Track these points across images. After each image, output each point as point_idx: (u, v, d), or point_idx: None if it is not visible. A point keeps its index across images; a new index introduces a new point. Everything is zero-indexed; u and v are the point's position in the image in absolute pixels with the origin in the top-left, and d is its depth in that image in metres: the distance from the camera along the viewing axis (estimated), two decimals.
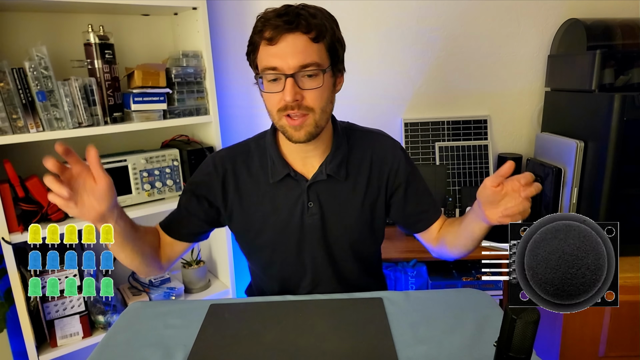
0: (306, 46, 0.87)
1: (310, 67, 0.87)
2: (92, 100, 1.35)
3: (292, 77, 0.87)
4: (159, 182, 1.51)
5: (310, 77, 0.89)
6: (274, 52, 0.87)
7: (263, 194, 1.02)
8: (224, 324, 0.92)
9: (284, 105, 0.89)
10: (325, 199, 1.02)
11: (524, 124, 1.97)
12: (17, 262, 1.26)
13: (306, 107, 0.90)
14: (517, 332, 0.60)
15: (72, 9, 1.42)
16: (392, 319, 0.91)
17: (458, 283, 1.70)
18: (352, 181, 1.03)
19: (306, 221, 1.02)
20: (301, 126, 0.90)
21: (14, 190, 1.28)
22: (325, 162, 1.01)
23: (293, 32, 0.86)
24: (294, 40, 0.87)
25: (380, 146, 1.06)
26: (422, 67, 1.89)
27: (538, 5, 1.85)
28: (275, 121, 0.94)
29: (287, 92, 0.87)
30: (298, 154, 1.01)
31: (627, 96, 1.41)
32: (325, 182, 1.02)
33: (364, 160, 1.05)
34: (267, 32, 0.87)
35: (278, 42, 0.86)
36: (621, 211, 1.50)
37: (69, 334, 1.40)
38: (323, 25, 0.89)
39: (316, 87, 0.89)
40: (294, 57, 0.86)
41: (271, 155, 1.02)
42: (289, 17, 0.86)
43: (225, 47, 1.75)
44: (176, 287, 1.62)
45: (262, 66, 0.89)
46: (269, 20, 0.87)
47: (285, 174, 1.00)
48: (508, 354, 0.62)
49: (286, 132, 0.92)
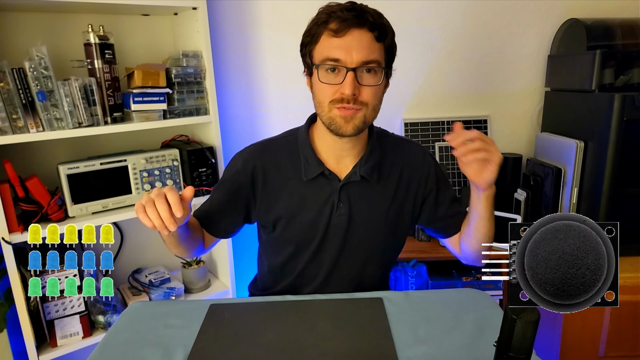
0: (370, 43, 0.89)
1: (372, 64, 0.89)
2: (92, 100, 1.35)
3: (354, 71, 0.88)
4: (159, 182, 1.51)
5: (369, 73, 0.90)
6: (338, 44, 0.88)
7: (293, 190, 1.03)
8: (224, 324, 0.92)
9: (340, 97, 0.90)
10: (355, 200, 1.03)
11: (524, 124, 1.97)
12: (17, 262, 1.26)
13: (361, 102, 0.91)
14: (517, 332, 0.60)
15: (72, 9, 1.42)
16: (392, 319, 0.91)
17: (458, 283, 1.70)
18: (382, 185, 1.04)
19: (333, 221, 1.03)
20: (352, 118, 0.91)
21: (14, 190, 1.28)
22: (359, 163, 1.02)
23: (360, 27, 0.88)
24: (360, 36, 0.88)
25: (411, 154, 1.08)
26: (422, 67, 1.89)
27: (538, 5, 1.85)
28: (325, 112, 0.93)
29: (346, 85, 0.88)
30: (334, 152, 1.02)
31: (627, 96, 1.41)
32: (358, 184, 1.02)
33: (395, 166, 1.06)
34: (334, 24, 0.88)
35: (345, 35, 0.88)
36: (621, 211, 1.50)
37: (69, 334, 1.40)
38: (387, 26, 0.92)
39: (374, 85, 0.91)
40: (359, 52, 0.88)
41: (305, 153, 1.02)
42: (357, 12, 0.88)
43: (225, 47, 1.75)
44: (176, 287, 1.62)
45: (324, 56, 0.90)
46: (335, 12, 0.88)
47: (319, 172, 1.01)
48: (508, 354, 0.62)
49: (334, 124, 0.93)
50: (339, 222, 1.03)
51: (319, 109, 0.95)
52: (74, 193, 1.36)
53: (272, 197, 1.04)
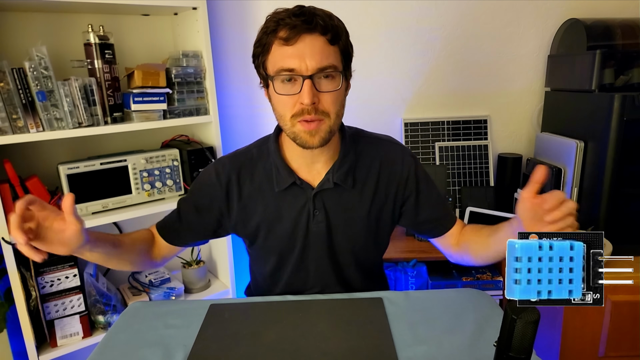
0: (324, 47, 0.85)
1: (329, 69, 0.85)
2: (92, 100, 1.35)
3: (310, 79, 0.84)
4: (159, 182, 1.51)
5: (327, 79, 0.86)
6: (291, 53, 0.84)
7: (268, 202, 1.00)
8: (224, 324, 0.92)
9: (300, 109, 0.86)
10: (331, 207, 1.00)
11: (524, 124, 1.97)
12: (17, 262, 1.26)
13: (322, 112, 0.87)
14: (517, 332, 0.60)
15: (72, 9, 1.42)
16: (392, 319, 0.91)
17: (458, 283, 1.70)
18: (359, 189, 1.01)
19: (312, 229, 1.00)
20: (316, 131, 0.87)
21: (14, 190, 1.28)
22: (332, 169, 0.98)
23: (311, 32, 0.84)
24: (312, 41, 0.84)
25: (389, 154, 1.03)
26: (422, 67, 1.89)
27: (538, 5, 1.85)
28: (288, 127, 0.89)
29: (304, 95, 0.84)
30: (304, 160, 0.98)
31: (627, 96, 1.41)
32: (332, 190, 0.99)
33: (372, 168, 1.02)
34: (283, 32, 0.84)
35: (296, 42, 0.83)
36: (621, 211, 1.50)
37: (69, 334, 1.40)
38: (339, 28, 0.87)
39: (334, 90, 0.87)
40: (313, 59, 0.83)
41: (275, 163, 0.99)
42: (306, 17, 0.83)
43: (225, 47, 1.75)
44: (176, 287, 1.62)
45: (277, 67, 0.86)
46: (283, 19, 0.84)
47: (291, 182, 0.98)
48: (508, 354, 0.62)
49: (299, 139, 0.89)
50: (318, 230, 1.00)
51: (281, 122, 0.91)
52: (74, 193, 1.35)
53: (248, 209, 1.01)
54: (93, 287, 1.43)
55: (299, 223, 1.00)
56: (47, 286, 1.34)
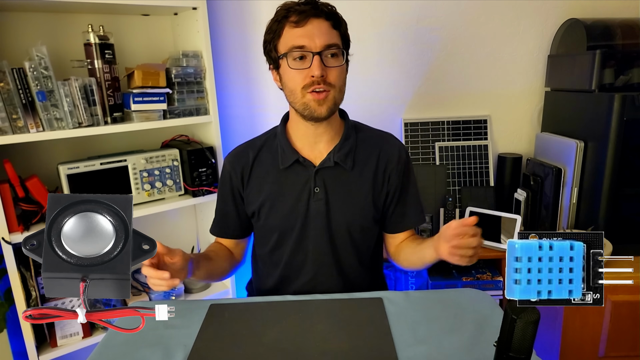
0: (328, 30, 0.99)
1: (334, 48, 0.99)
2: (92, 100, 1.35)
3: (319, 55, 0.97)
4: (159, 182, 1.51)
5: (333, 56, 0.99)
6: (301, 33, 0.97)
7: (273, 179, 1.09)
8: (224, 324, 0.92)
9: (310, 81, 0.98)
10: (331, 185, 1.08)
11: (524, 124, 1.97)
12: (17, 262, 1.26)
13: (329, 84, 0.99)
14: (517, 332, 0.60)
15: (72, 9, 1.42)
16: (392, 319, 0.91)
17: (458, 283, 1.70)
18: (358, 172, 1.09)
19: (312, 206, 1.07)
20: (324, 100, 0.99)
21: (14, 190, 1.28)
22: (334, 150, 1.08)
23: (318, 17, 0.98)
24: (319, 24, 0.98)
25: (389, 145, 1.13)
26: (422, 67, 1.89)
27: (538, 5, 1.85)
28: (298, 99, 1.00)
29: (314, 67, 0.96)
30: (307, 139, 1.08)
31: (627, 96, 1.41)
32: (332, 169, 1.08)
33: (372, 156, 1.11)
34: (293, 17, 0.98)
35: (305, 24, 0.97)
36: (621, 211, 1.50)
37: (69, 334, 1.40)
38: (340, 17, 1.03)
39: (339, 65, 1.00)
40: (320, 37, 0.97)
41: (281, 144, 1.09)
42: (312, 4, 0.99)
43: (225, 47, 1.75)
44: (176, 287, 1.62)
45: (289, 46, 0.98)
46: (292, 7, 0.98)
47: (294, 159, 1.07)
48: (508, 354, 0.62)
49: (308, 108, 1.00)
50: (318, 207, 1.07)
51: (292, 96, 1.02)
52: (73, 193, 1.35)
53: (256, 188, 1.11)
54: None
55: (300, 200, 1.08)
56: None
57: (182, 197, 1.58)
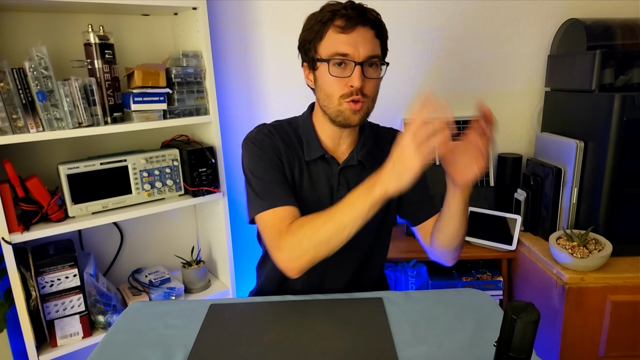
0: (373, 39, 0.97)
1: (375, 59, 0.97)
2: (92, 100, 1.35)
3: (361, 65, 0.94)
4: (159, 182, 1.51)
5: (372, 67, 0.97)
6: (346, 40, 0.94)
7: (302, 168, 1.07)
8: (224, 324, 0.92)
9: (349, 91, 0.96)
10: (353, 184, 1.06)
11: (524, 124, 1.97)
12: (17, 262, 1.26)
13: (365, 95, 0.97)
14: (517, 332, 0.60)
15: (72, 9, 1.42)
16: (392, 319, 0.91)
17: (458, 283, 1.70)
18: (377, 170, 1.05)
19: (334, 202, 1.02)
20: (359, 111, 0.98)
21: (14, 190, 1.28)
22: (356, 148, 1.08)
23: (364, 25, 0.95)
24: (365, 33, 0.96)
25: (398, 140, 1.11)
26: (422, 67, 1.89)
27: (538, 5, 1.85)
28: (334, 106, 0.98)
29: (355, 78, 0.94)
30: (332, 140, 1.08)
31: (627, 96, 1.41)
32: (355, 168, 1.08)
33: (386, 153, 1.08)
34: (340, 21, 0.94)
35: (352, 31, 0.94)
36: (621, 211, 1.50)
37: (69, 334, 1.40)
38: (384, 25, 1.01)
39: (377, 77, 0.99)
40: (365, 47, 0.94)
41: (306, 135, 1.08)
42: (359, 10, 0.95)
43: (225, 47, 1.75)
44: (176, 287, 1.62)
45: (332, 51, 0.95)
46: (339, 10, 0.95)
47: (321, 154, 1.06)
48: (508, 354, 0.62)
49: (342, 116, 0.98)
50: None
51: (327, 101, 1.00)
52: (74, 193, 1.36)
53: (287, 172, 1.06)
54: (93, 287, 1.43)
55: (324, 195, 1.07)
56: (47, 286, 1.34)
57: (182, 197, 1.58)
